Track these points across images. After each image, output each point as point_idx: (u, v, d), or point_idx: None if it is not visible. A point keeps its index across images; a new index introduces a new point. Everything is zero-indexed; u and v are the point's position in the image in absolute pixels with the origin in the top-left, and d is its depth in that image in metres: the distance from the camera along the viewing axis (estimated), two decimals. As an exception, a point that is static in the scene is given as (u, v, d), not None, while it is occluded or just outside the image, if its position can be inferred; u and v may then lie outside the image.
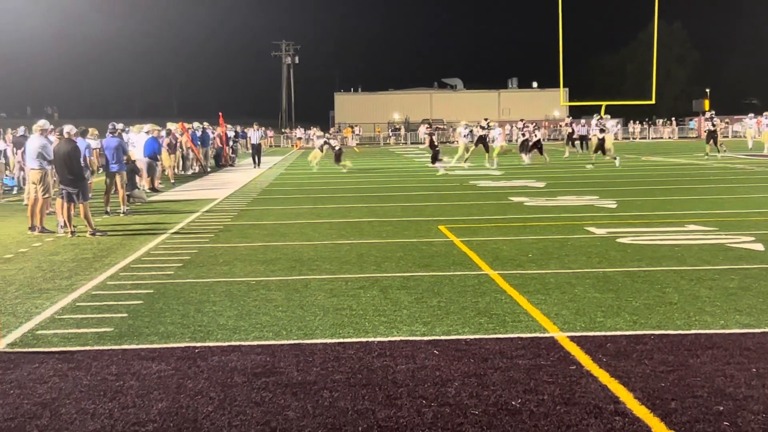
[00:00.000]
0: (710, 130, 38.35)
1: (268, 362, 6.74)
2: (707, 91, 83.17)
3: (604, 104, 72.21)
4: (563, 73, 63.74)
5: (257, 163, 38.62)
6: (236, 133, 47.11)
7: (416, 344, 7.21)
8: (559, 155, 42.50)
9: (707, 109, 76.18)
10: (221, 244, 13.62)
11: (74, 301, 9.28)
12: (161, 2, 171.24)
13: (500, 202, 19.91)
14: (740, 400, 5.69)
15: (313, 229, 15.37)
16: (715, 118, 40.16)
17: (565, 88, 73.67)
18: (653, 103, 70.06)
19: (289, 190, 25.38)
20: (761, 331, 7.50)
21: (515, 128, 37.46)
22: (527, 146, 36.20)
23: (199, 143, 36.10)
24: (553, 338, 7.33)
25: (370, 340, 7.37)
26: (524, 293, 9.19)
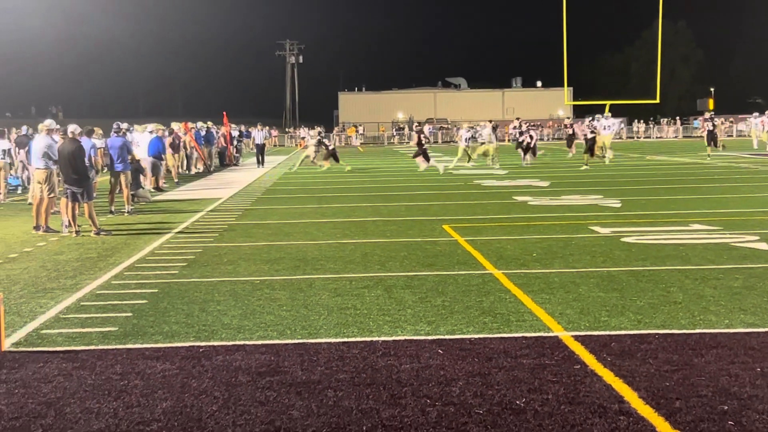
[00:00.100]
0: (710, 130, 38.10)
1: (272, 361, 6.74)
2: (711, 90, 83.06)
3: (608, 103, 72.16)
4: (567, 72, 63.68)
5: (261, 162, 38.66)
6: (240, 132, 47.13)
7: (420, 343, 7.21)
8: (563, 154, 42.47)
9: (711, 108, 76.16)
10: (225, 243, 13.63)
11: (79, 300, 9.30)
12: (165, 2, 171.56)
13: (504, 201, 19.91)
14: (745, 399, 5.68)
15: (317, 228, 15.37)
16: (715, 118, 39.91)
17: (569, 87, 73.78)
18: (657, 102, 69.96)
19: (293, 189, 25.39)
20: (766, 330, 7.49)
21: (510, 128, 37.22)
22: (531, 147, 36.08)
23: (203, 143, 36.12)
24: (557, 337, 7.33)
25: (374, 339, 7.37)
26: (528, 292, 9.18)
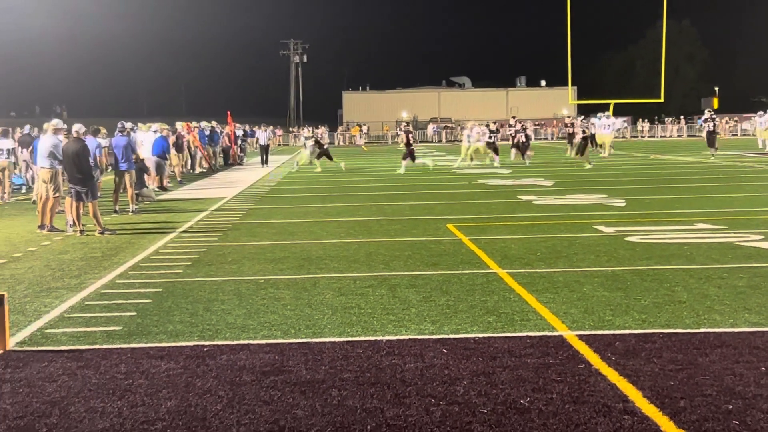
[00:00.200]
0: (709, 131, 37.47)
1: (276, 361, 6.74)
2: (716, 89, 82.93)
3: (612, 102, 72.09)
4: (572, 71, 63.66)
5: (265, 162, 38.70)
6: (244, 132, 47.14)
7: (425, 343, 7.21)
8: (564, 154, 42.43)
9: (715, 107, 75.99)
10: (230, 242, 13.63)
11: (83, 299, 9.31)
12: (169, 1, 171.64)
13: (509, 200, 19.90)
14: (749, 398, 5.67)
15: (321, 227, 15.38)
16: (716, 117, 39.33)
17: (573, 86, 73.63)
18: (662, 101, 69.86)
19: (297, 188, 25.40)
20: (771, 329, 7.48)
21: (506, 127, 37.01)
22: (525, 146, 35.85)
23: (207, 142, 36.14)
24: (561, 337, 7.32)
25: (378, 338, 7.37)
26: (533, 292, 9.18)
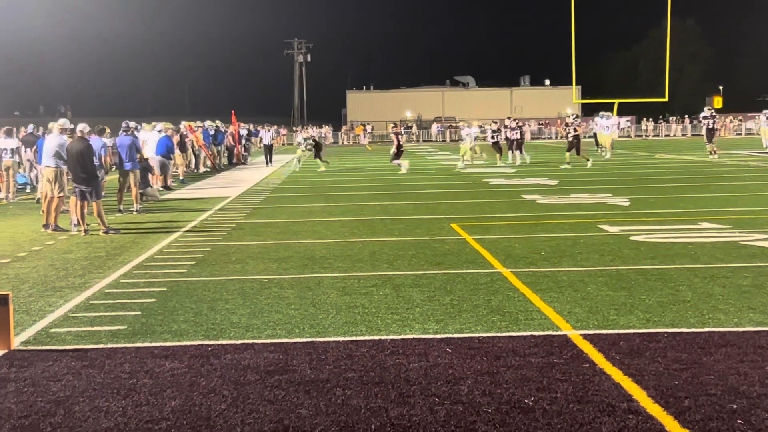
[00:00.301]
0: (709, 128, 37.27)
1: (280, 360, 6.75)
2: (720, 88, 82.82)
3: (616, 101, 72.00)
4: (576, 70, 63.62)
5: (269, 161, 38.74)
6: (249, 131, 47.15)
7: (429, 342, 7.21)
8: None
9: (719, 106, 75.82)
10: (234, 242, 13.64)
11: (87, 299, 9.32)
12: (173, 1, 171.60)
13: (513, 200, 19.90)
14: (754, 398, 5.66)
15: (325, 227, 15.38)
16: (716, 115, 39.03)
17: (577, 85, 73.56)
18: (666, 100, 69.79)
19: (301, 188, 25.41)
20: (775, 329, 7.47)
21: (501, 126, 36.71)
22: (518, 145, 35.67)
23: (211, 141, 36.17)
24: (566, 336, 7.32)
25: (382, 338, 7.38)
26: (537, 291, 9.17)
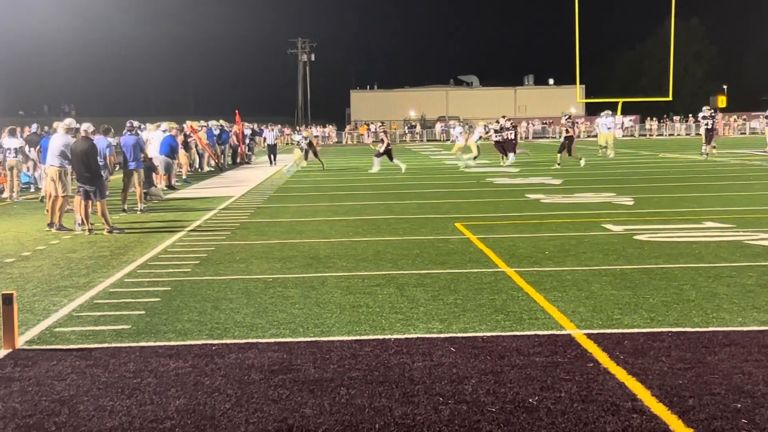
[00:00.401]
0: (707, 128, 36.99)
1: (285, 359, 6.75)
2: (725, 87, 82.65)
3: (620, 101, 71.99)
4: (580, 69, 63.61)
5: (273, 161, 38.75)
6: (253, 131, 47.17)
7: (433, 342, 7.21)
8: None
9: (723, 105, 75.67)
10: (238, 241, 13.65)
11: (92, 298, 9.33)
12: (177, 0, 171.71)
13: (517, 199, 19.88)
14: (758, 397, 5.66)
15: (329, 226, 15.38)
16: (715, 115, 38.78)
17: (581, 84, 73.57)
18: (670, 99, 69.76)
19: (305, 187, 25.41)
20: (780, 328, 7.46)
21: (492, 126, 36.50)
22: (511, 144, 35.61)
23: (215, 141, 36.21)
24: (570, 335, 7.31)
25: (386, 337, 7.38)
26: (541, 290, 9.17)
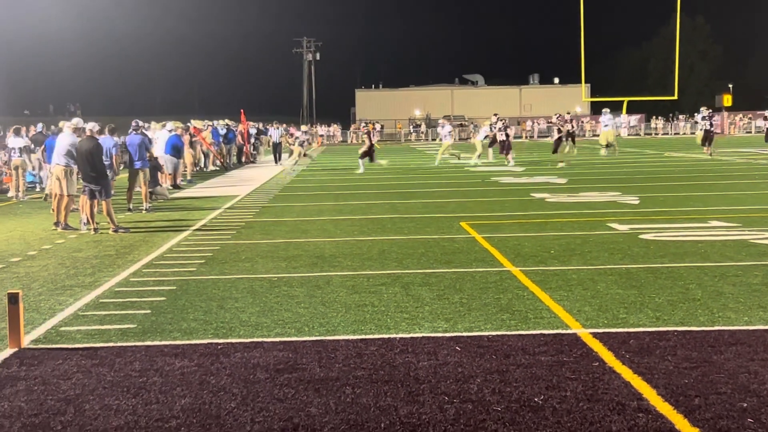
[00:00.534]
0: (707, 129, 36.57)
1: (290, 358, 6.75)
2: (730, 86, 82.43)
3: (626, 100, 71.86)
4: (585, 68, 63.51)
5: (277, 159, 38.76)
6: (258, 130, 47.19)
7: (438, 341, 7.20)
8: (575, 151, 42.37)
9: (729, 104, 75.44)
10: (243, 240, 13.66)
11: (97, 297, 9.34)
12: None
13: (522, 198, 19.87)
14: (764, 396, 5.64)
15: (334, 225, 15.39)
16: (713, 115, 38.55)
17: (586, 83, 73.44)
18: (676, 98, 69.60)
19: (310, 186, 25.41)
20: (786, 327, 7.44)
21: (485, 125, 36.26)
22: (506, 145, 35.46)
23: (220, 140, 36.27)
24: (575, 335, 7.31)
25: (392, 336, 7.38)
26: (546, 290, 9.16)
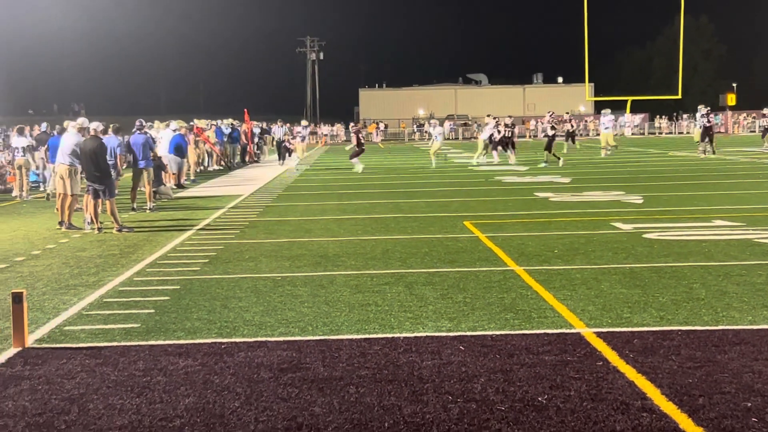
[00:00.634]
0: (706, 126, 36.40)
1: (294, 358, 6.75)
2: (734, 85, 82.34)
3: (630, 99, 71.82)
4: (589, 68, 63.48)
5: (281, 158, 38.74)
6: (262, 129, 47.19)
7: (442, 340, 7.20)
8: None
9: (733, 103, 75.35)
10: (247, 240, 13.66)
11: (101, 297, 9.35)
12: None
13: (525, 197, 19.86)
14: (769, 396, 5.64)
15: (338, 225, 15.39)
16: (712, 114, 38.41)
17: (590, 83, 73.43)
18: (679, 98, 69.54)
19: (313, 186, 25.41)
20: (790, 327, 7.43)
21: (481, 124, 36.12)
22: (505, 143, 35.40)
23: (224, 140, 36.29)
24: (579, 334, 7.30)
25: (395, 335, 7.38)
26: (550, 289, 9.16)
